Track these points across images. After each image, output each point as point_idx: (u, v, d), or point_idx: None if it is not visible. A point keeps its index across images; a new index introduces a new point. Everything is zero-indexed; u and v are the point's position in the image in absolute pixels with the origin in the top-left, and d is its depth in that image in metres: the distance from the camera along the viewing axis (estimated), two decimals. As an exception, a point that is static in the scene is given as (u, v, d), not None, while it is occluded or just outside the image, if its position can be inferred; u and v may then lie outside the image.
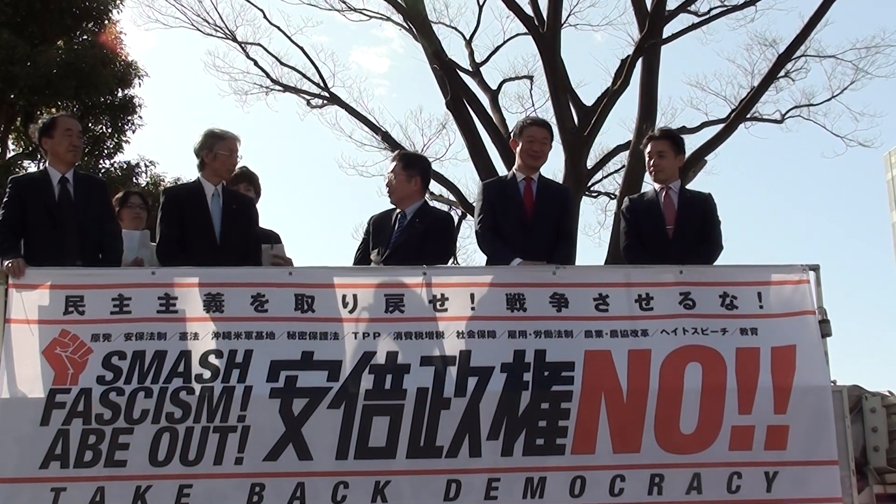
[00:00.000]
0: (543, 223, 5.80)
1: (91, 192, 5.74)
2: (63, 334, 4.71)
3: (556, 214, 5.85)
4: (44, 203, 5.56)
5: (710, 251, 5.84)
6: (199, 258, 5.42)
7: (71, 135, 5.69)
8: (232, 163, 5.87)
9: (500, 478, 4.72)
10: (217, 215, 5.71)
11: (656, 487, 4.78)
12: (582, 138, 17.04)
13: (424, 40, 17.40)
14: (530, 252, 5.53)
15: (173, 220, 5.73)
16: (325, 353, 4.79)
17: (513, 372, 4.84)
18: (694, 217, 5.87)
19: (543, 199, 5.87)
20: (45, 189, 5.60)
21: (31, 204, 5.57)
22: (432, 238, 5.72)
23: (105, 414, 4.60)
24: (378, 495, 4.63)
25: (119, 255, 5.72)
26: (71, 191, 5.63)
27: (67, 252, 5.42)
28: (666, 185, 5.98)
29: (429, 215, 5.88)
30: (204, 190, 5.76)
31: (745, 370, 4.94)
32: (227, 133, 5.85)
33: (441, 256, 5.77)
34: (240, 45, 19.29)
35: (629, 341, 4.96)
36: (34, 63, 16.28)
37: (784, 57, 17.11)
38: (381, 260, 5.63)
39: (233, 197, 5.87)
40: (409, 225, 5.73)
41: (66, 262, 5.30)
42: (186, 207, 5.72)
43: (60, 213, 5.55)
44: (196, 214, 5.69)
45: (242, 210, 5.86)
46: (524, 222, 5.81)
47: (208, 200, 5.73)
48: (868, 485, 5.20)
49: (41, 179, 5.68)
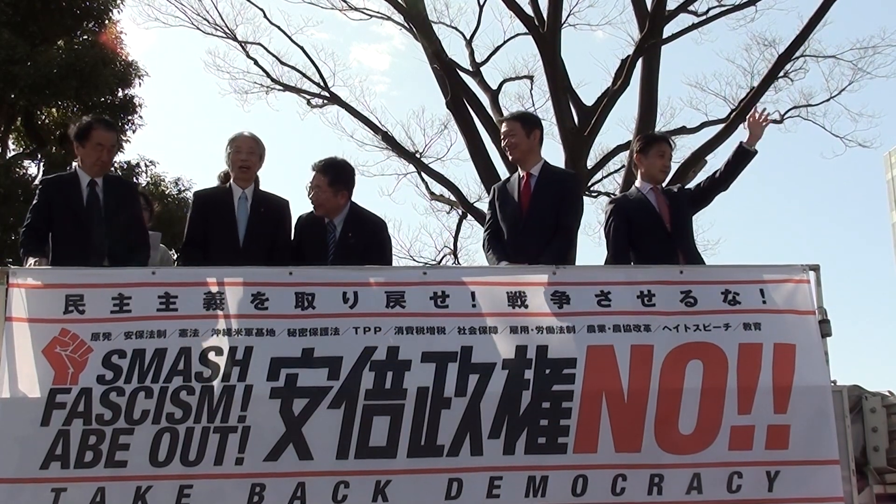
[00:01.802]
0: (539, 218, 5.80)
1: (121, 197, 5.76)
2: (63, 333, 4.70)
3: (554, 207, 5.83)
4: (71, 206, 5.58)
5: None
6: (220, 261, 5.46)
7: (101, 150, 5.68)
8: (239, 158, 5.92)
9: (502, 476, 4.71)
10: (243, 219, 5.82)
11: (656, 487, 4.77)
12: (582, 138, 17.04)
13: (425, 40, 17.40)
14: (524, 250, 5.54)
15: (197, 223, 5.92)
16: (325, 350, 4.78)
17: (514, 369, 4.83)
18: (684, 211, 6.13)
19: (541, 194, 5.87)
20: (73, 192, 5.61)
21: (57, 206, 5.60)
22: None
23: (105, 414, 4.59)
24: (379, 495, 4.62)
25: (146, 261, 5.73)
26: (100, 194, 5.65)
27: (92, 255, 5.44)
28: (655, 185, 6.15)
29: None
30: (232, 193, 5.89)
31: (746, 368, 4.94)
32: (238, 134, 5.97)
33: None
34: (240, 44, 19.34)
35: (632, 336, 4.95)
36: (34, 63, 16.29)
37: (783, 57, 17.13)
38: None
39: (263, 200, 5.93)
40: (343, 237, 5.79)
41: (93, 265, 5.31)
42: (211, 211, 5.86)
43: (87, 216, 5.56)
44: (220, 217, 5.82)
45: (271, 213, 5.92)
46: (518, 221, 5.83)
47: (235, 204, 5.84)
48: (868, 485, 5.19)
49: (70, 182, 5.69)
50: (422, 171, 19.69)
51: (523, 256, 5.52)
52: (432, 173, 19.36)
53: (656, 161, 6.14)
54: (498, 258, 5.75)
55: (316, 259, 5.73)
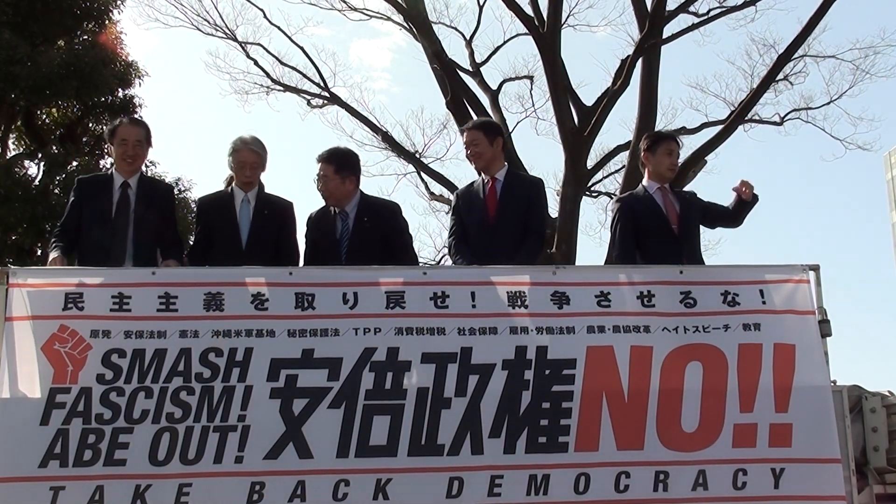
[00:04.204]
0: (508, 223, 5.82)
1: (153, 199, 5.78)
2: (62, 329, 4.70)
3: (522, 212, 5.87)
4: (100, 206, 5.62)
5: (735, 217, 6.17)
6: (223, 264, 5.47)
7: (126, 145, 5.73)
8: (243, 174, 5.93)
9: (503, 475, 4.71)
10: (245, 222, 5.82)
11: (661, 484, 4.78)
12: (582, 138, 17.04)
13: (425, 40, 17.41)
14: (493, 256, 5.53)
15: (199, 227, 5.99)
16: (325, 351, 4.78)
17: (514, 370, 4.84)
18: (694, 215, 6.10)
19: (508, 198, 5.88)
20: (105, 192, 5.67)
21: (88, 206, 5.66)
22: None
23: (105, 414, 4.59)
24: (379, 493, 4.62)
25: (180, 260, 5.75)
26: (131, 196, 5.68)
27: (117, 258, 5.47)
28: (663, 184, 6.09)
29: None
30: (234, 196, 5.89)
31: (746, 369, 4.94)
32: (236, 144, 5.93)
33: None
34: (240, 44, 19.37)
35: (632, 337, 4.96)
36: (35, 63, 16.26)
37: (783, 57, 17.13)
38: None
39: (266, 202, 5.93)
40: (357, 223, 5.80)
41: (114, 266, 5.36)
42: (213, 215, 5.88)
43: (116, 217, 5.59)
44: (222, 221, 5.83)
45: (275, 215, 5.92)
46: (486, 225, 5.83)
47: (237, 207, 5.85)
48: (868, 485, 5.19)
49: (103, 182, 5.77)
50: (421, 171, 19.71)
51: (492, 261, 5.50)
52: (432, 173, 19.38)
53: (664, 159, 6.10)
54: (468, 263, 5.76)
55: (330, 251, 5.73)
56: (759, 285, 5.15)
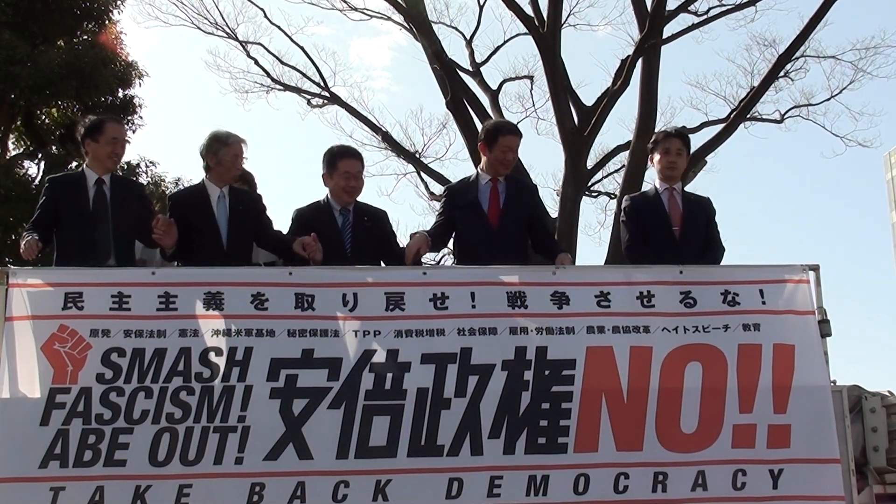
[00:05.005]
0: (511, 226, 5.81)
1: (128, 196, 5.74)
2: (62, 329, 4.70)
3: (524, 217, 5.89)
4: (77, 204, 5.58)
5: (716, 257, 5.87)
6: (206, 263, 5.42)
7: (116, 143, 5.70)
8: (236, 168, 5.86)
9: (502, 475, 4.71)
10: (223, 219, 5.70)
11: (660, 485, 4.78)
12: (582, 138, 17.03)
13: (425, 40, 17.39)
14: (496, 256, 5.49)
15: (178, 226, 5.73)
16: (325, 351, 4.79)
17: (513, 370, 4.84)
18: (699, 219, 5.92)
19: (512, 202, 5.87)
20: (80, 190, 5.61)
21: (64, 204, 5.59)
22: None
23: (105, 414, 4.60)
24: (379, 494, 4.63)
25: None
26: (107, 193, 5.64)
27: (100, 254, 5.43)
28: (672, 185, 6.00)
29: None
30: (208, 193, 5.75)
31: (746, 368, 4.95)
32: (232, 137, 5.80)
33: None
34: (240, 43, 19.33)
35: (631, 337, 4.96)
36: (35, 63, 16.27)
37: (784, 57, 17.12)
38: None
39: (238, 197, 5.83)
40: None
41: (98, 264, 5.31)
42: (191, 213, 5.68)
43: (94, 214, 5.56)
44: (202, 220, 5.68)
45: (248, 208, 5.83)
46: (487, 228, 5.78)
47: (213, 204, 5.72)
48: (868, 485, 5.19)
49: (77, 180, 5.69)
50: (421, 170, 19.69)
51: (495, 260, 5.44)
52: (431, 173, 19.37)
53: (661, 158, 6.06)
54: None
55: (333, 243, 5.63)
56: (758, 285, 5.15)
